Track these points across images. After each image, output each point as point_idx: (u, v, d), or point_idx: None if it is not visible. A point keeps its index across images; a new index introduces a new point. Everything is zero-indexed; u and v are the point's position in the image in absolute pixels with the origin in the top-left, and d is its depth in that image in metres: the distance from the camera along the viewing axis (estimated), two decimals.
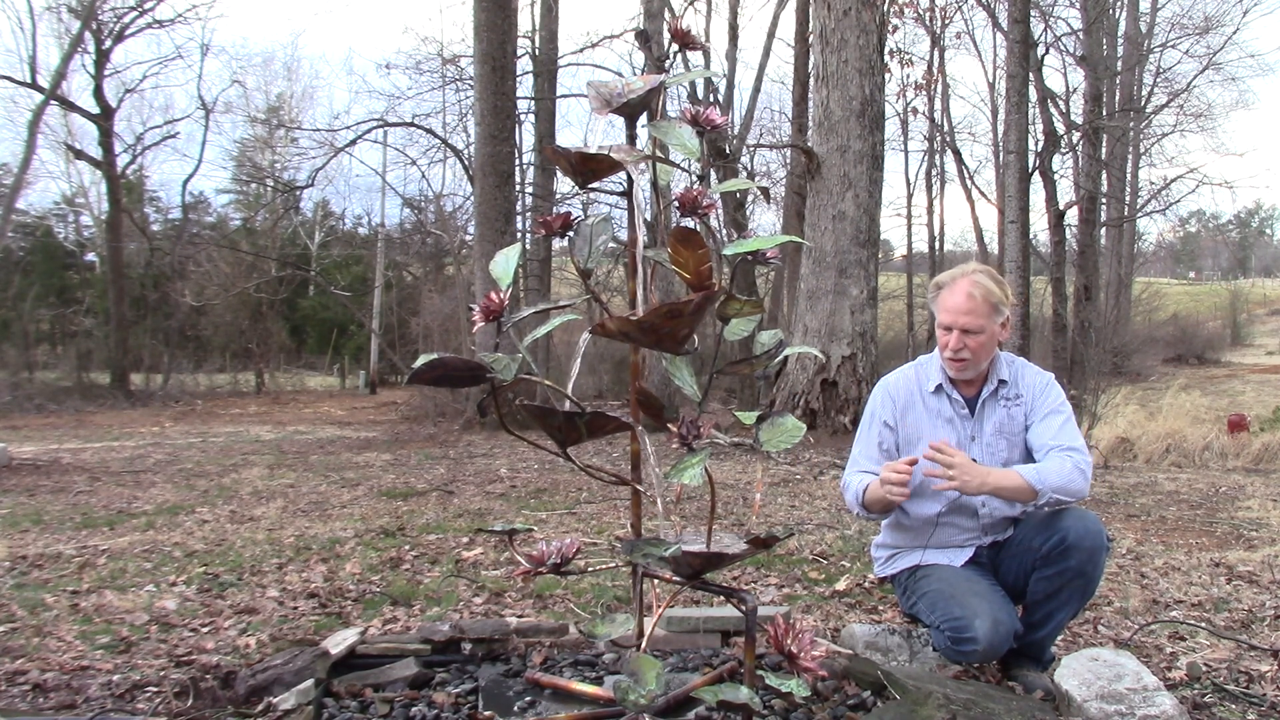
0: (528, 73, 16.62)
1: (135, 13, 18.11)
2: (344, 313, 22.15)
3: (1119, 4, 19.74)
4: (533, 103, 16.62)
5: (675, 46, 4.35)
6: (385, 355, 20.06)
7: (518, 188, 15.12)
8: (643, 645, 1.94)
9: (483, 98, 10.71)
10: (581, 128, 26.21)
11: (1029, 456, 2.57)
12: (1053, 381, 2.62)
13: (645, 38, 12.62)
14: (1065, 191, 17.95)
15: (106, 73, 18.06)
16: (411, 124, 17.70)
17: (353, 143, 16.56)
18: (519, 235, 13.53)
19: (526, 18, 16.44)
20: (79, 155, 19.93)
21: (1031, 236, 15.25)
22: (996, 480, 2.38)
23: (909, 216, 25.13)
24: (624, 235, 2.41)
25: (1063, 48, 18.17)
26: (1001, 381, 2.59)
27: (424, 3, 47.41)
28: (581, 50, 26.39)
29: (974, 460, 2.54)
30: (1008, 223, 12.57)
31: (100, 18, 17.63)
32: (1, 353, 18.11)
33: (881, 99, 9.85)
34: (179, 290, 20.21)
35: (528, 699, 2.21)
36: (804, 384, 9.32)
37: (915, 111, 22.04)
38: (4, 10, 51.68)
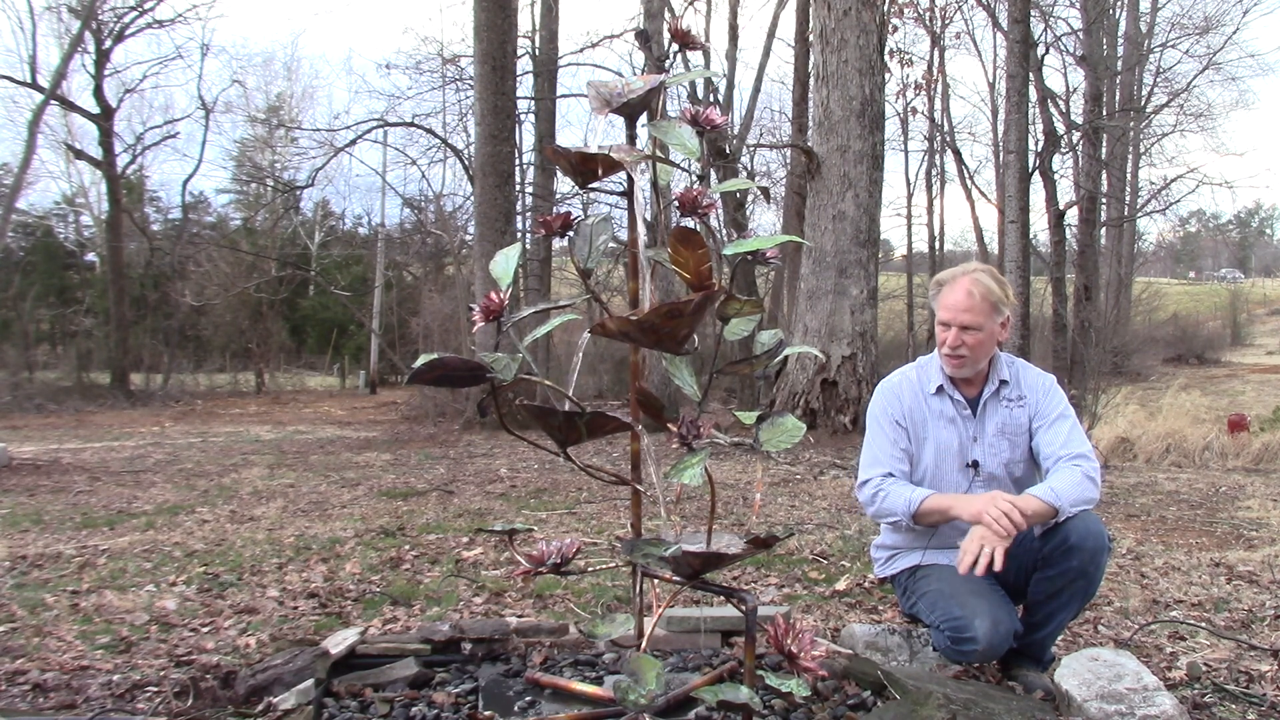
0: (528, 73, 16.62)
1: (135, 13, 18.13)
2: (344, 313, 22.15)
3: (1119, 4, 19.76)
4: (533, 103, 16.62)
5: (675, 46, 4.35)
6: (385, 355, 20.06)
7: (518, 188, 15.12)
8: (643, 645, 1.94)
9: (483, 98, 10.71)
10: (581, 128, 26.23)
11: (1031, 457, 2.58)
12: (1055, 384, 2.62)
13: (645, 38, 12.61)
14: (1065, 191, 18.00)
15: (106, 73, 18.07)
16: (411, 124, 17.72)
17: (353, 143, 16.58)
18: (519, 235, 13.53)
19: (526, 18, 16.46)
20: (79, 155, 19.93)
21: (1031, 236, 15.27)
22: (1026, 512, 2.32)
23: (909, 216, 25.17)
24: (624, 235, 2.41)
25: (1063, 48, 18.21)
26: (1003, 382, 2.59)
27: (424, 3, 47.46)
28: (581, 50, 26.46)
29: (977, 461, 2.55)
30: (1008, 223, 12.58)
31: (100, 18, 17.64)
32: (1, 353, 18.11)
33: (881, 99, 9.85)
34: (179, 290, 20.21)
35: (528, 699, 2.21)
36: (804, 384, 9.32)
37: (915, 111, 22.05)
38: (4, 10, 51.74)
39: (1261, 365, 23.31)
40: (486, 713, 2.11)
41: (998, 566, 2.23)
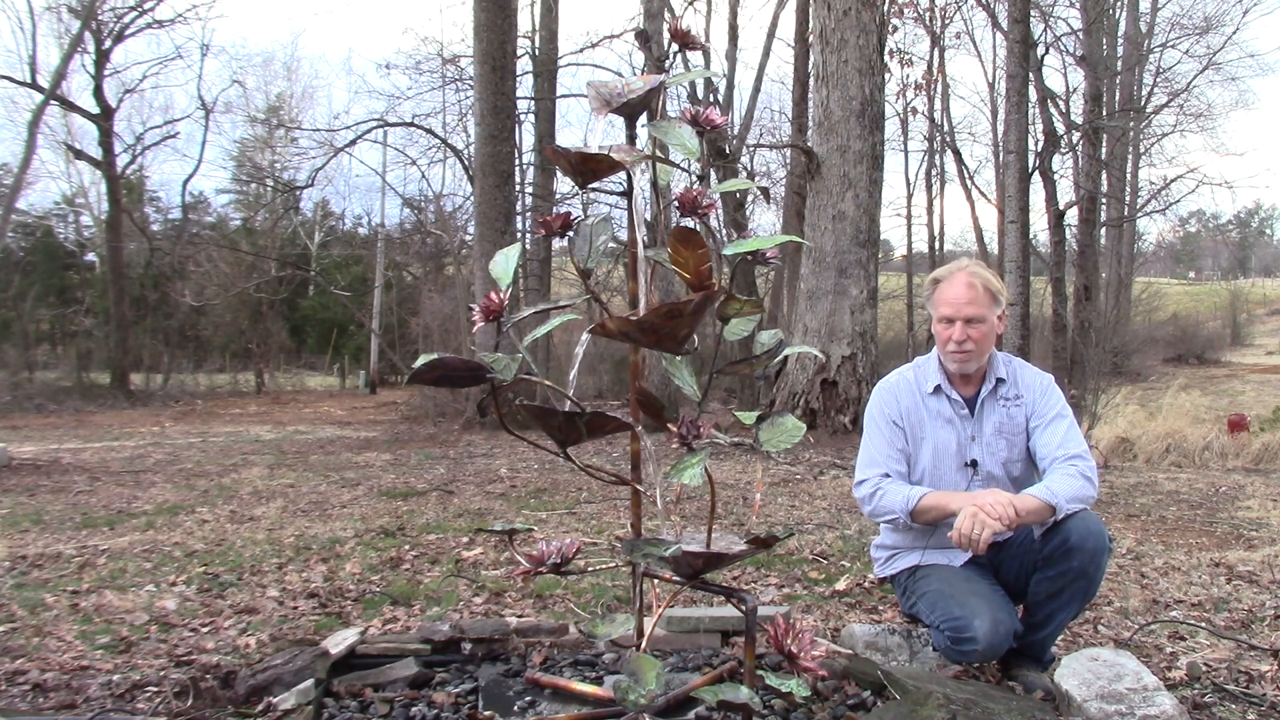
0: (528, 73, 16.62)
1: (135, 13, 18.14)
2: (344, 313, 22.16)
3: (1119, 4, 19.74)
4: (533, 103, 16.62)
5: (675, 46, 4.35)
6: (385, 355, 20.06)
7: (518, 188, 15.12)
8: (643, 645, 1.94)
9: (483, 98, 10.71)
10: (581, 128, 26.26)
11: (1029, 457, 2.58)
12: (1053, 384, 2.62)
13: (645, 38, 12.61)
14: (1065, 191, 17.99)
15: (106, 73, 18.08)
16: (411, 124, 17.72)
17: (353, 143, 16.58)
18: (519, 235, 13.53)
19: (526, 18, 16.45)
20: (79, 155, 19.93)
21: (1031, 236, 15.27)
22: (1023, 511, 2.34)
23: (909, 216, 25.19)
24: (624, 235, 2.41)
25: (1063, 48, 18.19)
26: (999, 380, 2.59)
27: (424, 3, 47.42)
28: (581, 50, 26.53)
29: (975, 460, 2.56)
30: (1008, 223, 12.57)
31: (100, 18, 17.64)
32: (1, 353, 18.12)
33: (881, 99, 9.85)
34: (179, 290, 20.23)
35: (528, 699, 2.21)
36: (804, 384, 9.32)
37: (915, 111, 22.07)
38: (4, 10, 51.76)
39: (1261, 365, 23.30)
40: (486, 713, 2.11)
41: (990, 536, 2.26)
